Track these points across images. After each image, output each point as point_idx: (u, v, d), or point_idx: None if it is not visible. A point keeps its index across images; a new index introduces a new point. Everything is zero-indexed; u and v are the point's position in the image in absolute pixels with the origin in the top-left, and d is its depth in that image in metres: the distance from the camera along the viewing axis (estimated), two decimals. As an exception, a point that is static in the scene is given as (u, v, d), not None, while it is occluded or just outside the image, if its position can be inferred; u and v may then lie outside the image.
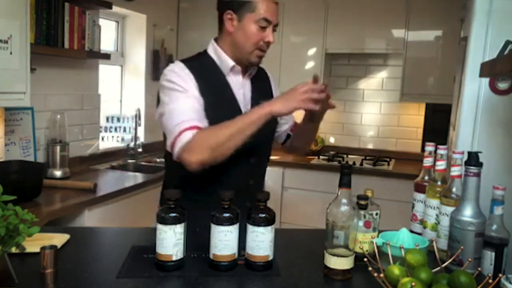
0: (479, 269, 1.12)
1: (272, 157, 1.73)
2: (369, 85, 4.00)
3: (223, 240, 1.17)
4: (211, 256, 1.20)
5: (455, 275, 1.00)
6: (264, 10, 1.44)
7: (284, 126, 1.73)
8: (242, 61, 1.52)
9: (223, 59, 1.52)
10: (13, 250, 1.04)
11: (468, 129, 1.63)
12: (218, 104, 1.48)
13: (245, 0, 1.44)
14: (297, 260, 1.31)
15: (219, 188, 1.22)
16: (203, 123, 1.41)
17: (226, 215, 1.17)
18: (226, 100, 1.52)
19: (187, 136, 1.36)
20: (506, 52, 1.48)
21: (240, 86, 1.55)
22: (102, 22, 3.11)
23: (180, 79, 1.45)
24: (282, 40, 3.82)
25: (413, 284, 0.95)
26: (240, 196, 1.29)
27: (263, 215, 1.19)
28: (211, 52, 1.55)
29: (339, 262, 1.16)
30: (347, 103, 4.08)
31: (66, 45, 2.65)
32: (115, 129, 3.49)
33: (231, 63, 1.52)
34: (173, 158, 1.42)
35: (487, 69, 1.31)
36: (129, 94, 3.73)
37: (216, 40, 1.56)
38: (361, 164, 3.61)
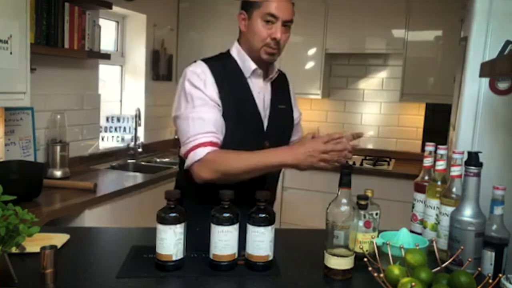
0: (479, 269, 1.12)
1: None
2: (369, 85, 4.00)
3: (223, 240, 1.17)
4: (211, 256, 1.20)
5: (455, 275, 1.00)
6: (270, 5, 1.44)
7: (292, 137, 1.72)
8: (256, 60, 1.51)
9: (246, 62, 1.52)
10: (13, 250, 1.04)
11: (468, 129, 1.63)
12: (238, 107, 1.48)
13: None
14: (297, 260, 1.31)
15: (235, 190, 1.21)
16: (219, 135, 1.42)
17: (226, 215, 1.17)
18: (246, 104, 1.51)
19: (201, 153, 1.38)
20: (506, 52, 1.47)
21: (260, 90, 1.55)
22: (102, 22, 3.11)
23: (202, 83, 1.44)
24: (282, 40, 3.82)
25: (413, 284, 0.95)
26: (254, 199, 1.29)
27: (263, 215, 1.19)
28: (234, 53, 1.55)
29: (339, 262, 1.16)
30: (347, 103, 4.08)
31: (66, 45, 2.65)
32: (115, 129, 3.49)
33: (253, 66, 1.52)
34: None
35: (487, 69, 1.32)
36: (129, 94, 3.73)
37: (238, 42, 1.57)
38: (361, 164, 3.61)
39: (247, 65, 1.52)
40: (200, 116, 1.41)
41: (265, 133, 1.54)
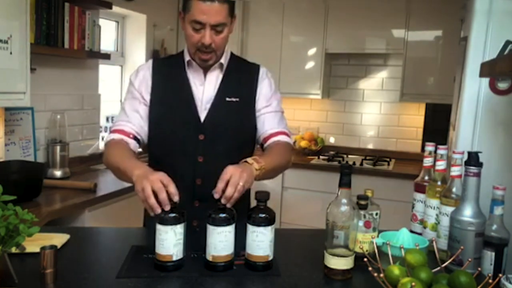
0: (479, 269, 1.12)
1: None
2: (369, 85, 4.00)
3: (223, 241, 1.17)
4: (208, 258, 1.19)
5: (455, 275, 1.00)
6: (194, 10, 1.39)
7: (259, 131, 1.59)
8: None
9: (185, 55, 1.55)
10: (13, 250, 1.04)
11: (468, 129, 1.63)
12: (172, 99, 1.52)
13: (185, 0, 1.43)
14: (297, 260, 1.31)
15: None
16: (133, 126, 1.51)
17: (223, 215, 1.17)
18: (180, 96, 1.52)
19: (107, 137, 1.53)
20: (506, 52, 1.48)
21: (201, 82, 1.53)
22: (102, 22, 3.10)
23: (135, 78, 1.56)
24: (282, 40, 3.82)
25: (413, 284, 0.95)
26: (187, 195, 1.32)
27: (263, 215, 1.19)
28: (184, 49, 1.59)
29: (339, 262, 1.16)
30: (347, 103, 4.08)
31: (66, 45, 2.65)
32: (115, 129, 3.48)
33: (186, 58, 1.54)
34: None
35: (487, 69, 1.32)
36: (129, 94, 3.72)
37: None
38: (361, 164, 3.61)
39: (184, 58, 1.55)
40: (124, 107, 1.56)
41: (201, 125, 1.51)
